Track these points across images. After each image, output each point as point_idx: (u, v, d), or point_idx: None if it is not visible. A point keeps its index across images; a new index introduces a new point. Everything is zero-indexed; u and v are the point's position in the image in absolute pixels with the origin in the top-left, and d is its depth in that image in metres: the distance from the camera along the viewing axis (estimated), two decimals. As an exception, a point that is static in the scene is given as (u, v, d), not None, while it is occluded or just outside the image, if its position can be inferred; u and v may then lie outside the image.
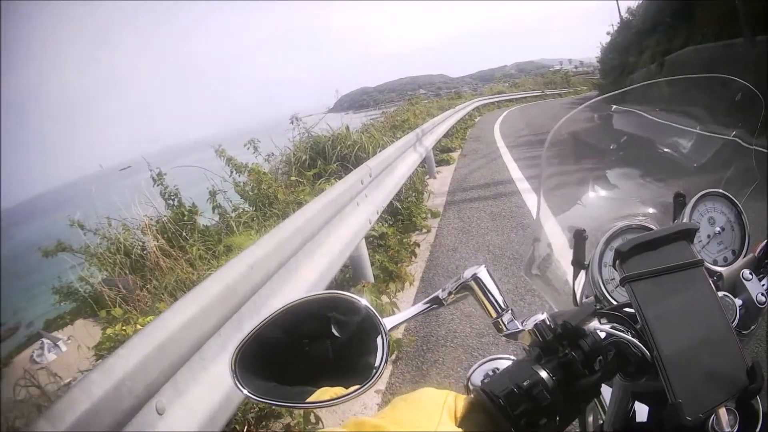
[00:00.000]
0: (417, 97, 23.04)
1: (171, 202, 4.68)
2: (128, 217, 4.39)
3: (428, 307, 0.65)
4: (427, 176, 8.00)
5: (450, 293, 0.65)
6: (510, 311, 0.63)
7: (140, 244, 4.09)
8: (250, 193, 4.85)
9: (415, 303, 0.71)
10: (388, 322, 0.60)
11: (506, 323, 0.63)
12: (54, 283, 4.39)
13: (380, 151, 5.38)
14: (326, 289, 2.47)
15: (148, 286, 3.37)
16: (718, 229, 0.84)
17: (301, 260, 2.30)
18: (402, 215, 5.37)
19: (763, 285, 0.73)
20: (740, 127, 0.98)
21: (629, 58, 25.88)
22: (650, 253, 0.64)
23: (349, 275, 3.63)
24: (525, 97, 38.56)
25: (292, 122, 6.67)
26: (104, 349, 2.47)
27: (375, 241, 4.47)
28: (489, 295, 0.63)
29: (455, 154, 10.85)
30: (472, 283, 0.64)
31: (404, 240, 4.80)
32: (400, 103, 20.35)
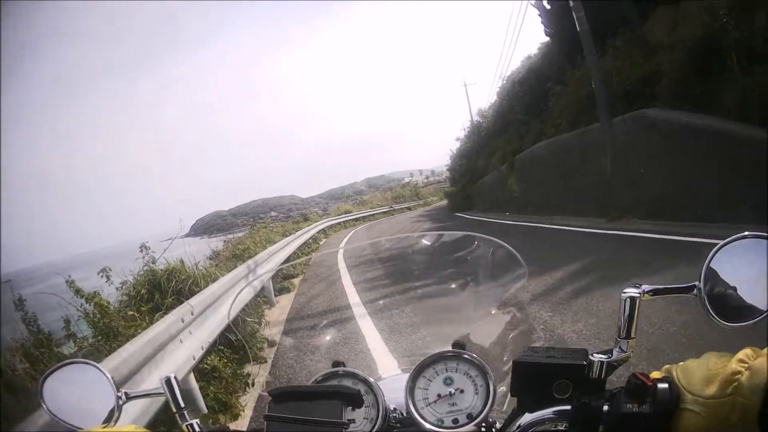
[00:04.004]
0: (263, 222, 23.36)
1: (31, 327, 4.78)
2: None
3: None
4: (267, 306, 8.38)
5: None
6: None
7: (10, 365, 4.23)
8: (98, 325, 5.02)
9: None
10: None
11: None
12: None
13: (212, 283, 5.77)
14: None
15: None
16: (451, 390, 0.88)
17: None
18: (235, 347, 5.69)
19: None
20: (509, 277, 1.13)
21: (479, 162, 27.00)
22: (304, 402, 0.77)
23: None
24: (373, 215, 39.62)
25: (141, 250, 6.83)
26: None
27: (209, 374, 4.80)
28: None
29: (297, 280, 11.32)
30: None
31: (238, 371, 5.14)
32: (250, 227, 20.64)
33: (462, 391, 0.88)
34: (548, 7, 17.92)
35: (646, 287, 0.73)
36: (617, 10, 12.88)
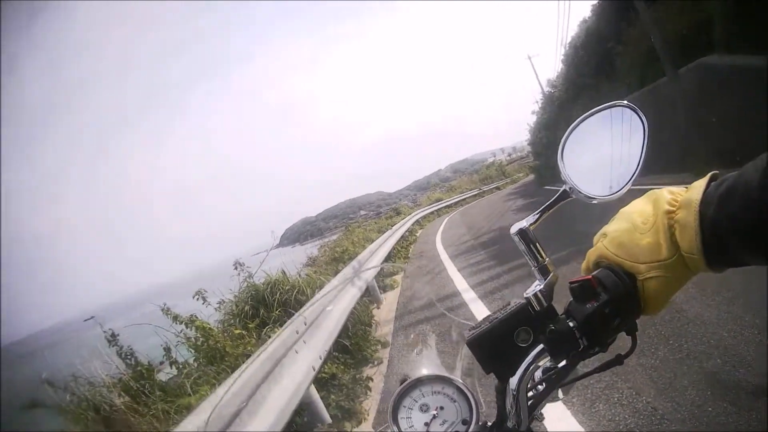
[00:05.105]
0: (356, 222, 23.71)
1: (128, 360, 4.96)
2: (93, 375, 4.69)
3: None
4: (374, 305, 8.33)
5: None
6: None
7: (107, 401, 4.35)
8: (202, 348, 5.13)
9: None
10: None
11: None
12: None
13: (318, 291, 5.73)
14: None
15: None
16: (433, 413, 0.87)
17: (246, 420, 2.57)
18: (351, 351, 5.68)
19: None
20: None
21: (558, 132, 26.06)
22: None
23: (307, 418, 3.89)
24: (464, 199, 39.69)
25: (236, 267, 6.88)
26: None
27: (329, 382, 4.78)
28: None
29: (399, 277, 11.23)
30: None
31: (357, 376, 5.08)
32: (343, 229, 20.96)
33: (442, 408, 0.86)
34: (592, -35, 17.48)
35: (527, 220, 0.78)
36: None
